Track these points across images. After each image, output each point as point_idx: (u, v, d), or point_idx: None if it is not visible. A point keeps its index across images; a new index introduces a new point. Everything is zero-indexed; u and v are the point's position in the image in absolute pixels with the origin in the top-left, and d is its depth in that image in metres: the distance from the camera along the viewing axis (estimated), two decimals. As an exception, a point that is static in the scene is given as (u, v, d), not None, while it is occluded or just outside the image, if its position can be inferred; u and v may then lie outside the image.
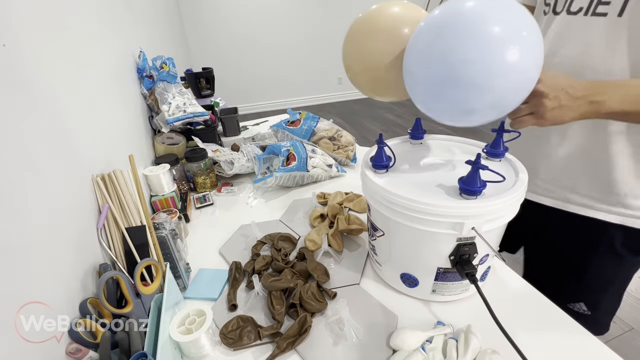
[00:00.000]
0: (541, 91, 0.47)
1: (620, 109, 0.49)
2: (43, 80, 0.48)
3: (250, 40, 3.83)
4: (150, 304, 0.51)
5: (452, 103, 0.47)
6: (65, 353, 0.41)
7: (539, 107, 0.48)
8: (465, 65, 0.42)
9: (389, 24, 0.54)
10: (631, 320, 1.34)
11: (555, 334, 0.52)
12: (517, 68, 0.42)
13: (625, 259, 0.67)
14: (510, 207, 0.48)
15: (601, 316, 0.73)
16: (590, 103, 0.49)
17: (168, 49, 2.05)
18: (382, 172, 0.55)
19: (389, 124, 3.61)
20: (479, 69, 0.42)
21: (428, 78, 0.47)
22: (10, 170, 0.37)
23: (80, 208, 0.53)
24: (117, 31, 0.96)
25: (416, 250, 0.53)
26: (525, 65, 0.43)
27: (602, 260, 0.68)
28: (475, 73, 0.42)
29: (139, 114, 1.01)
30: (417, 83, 0.50)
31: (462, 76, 0.43)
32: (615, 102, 0.49)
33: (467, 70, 0.42)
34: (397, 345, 0.48)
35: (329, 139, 1.13)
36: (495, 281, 0.61)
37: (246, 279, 0.65)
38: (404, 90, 0.54)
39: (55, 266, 0.43)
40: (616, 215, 0.64)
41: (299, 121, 1.15)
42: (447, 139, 0.66)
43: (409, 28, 0.51)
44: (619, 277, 0.71)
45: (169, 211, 0.77)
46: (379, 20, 0.55)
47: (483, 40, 0.41)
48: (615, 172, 0.61)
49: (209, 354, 0.52)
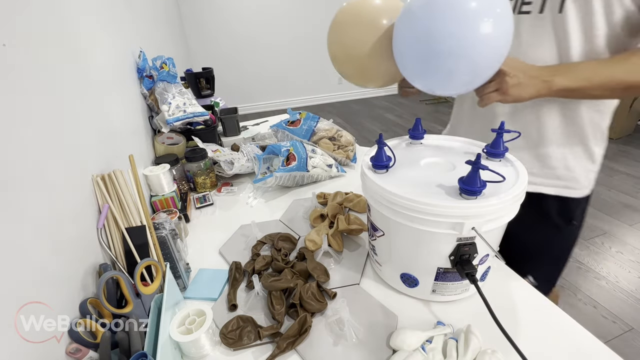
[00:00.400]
0: (504, 70, 0.55)
1: (567, 85, 0.57)
2: (43, 80, 0.48)
3: (251, 40, 3.84)
4: (150, 304, 0.51)
5: (437, 72, 0.53)
6: (65, 353, 0.42)
7: (502, 84, 0.56)
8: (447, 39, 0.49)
9: (371, 15, 0.59)
10: (631, 320, 1.34)
11: (555, 334, 0.52)
12: (490, 39, 0.49)
13: (562, 228, 0.76)
14: (510, 207, 0.48)
15: (543, 287, 0.75)
16: (543, 82, 0.57)
17: (168, 49, 2.05)
18: (382, 172, 0.55)
19: (389, 124, 3.61)
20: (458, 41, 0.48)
21: (416, 53, 0.53)
22: (11, 170, 0.37)
23: (80, 208, 0.53)
24: (117, 31, 0.96)
25: (416, 250, 0.53)
26: (497, 37, 0.49)
27: (543, 232, 0.77)
28: (455, 44, 0.49)
29: (139, 114, 1.01)
30: (407, 59, 0.56)
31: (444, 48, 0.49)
32: (563, 80, 0.57)
33: (448, 43, 0.49)
34: (397, 345, 0.48)
35: (329, 139, 1.13)
36: (495, 281, 0.61)
37: (246, 279, 0.65)
38: (388, 75, 0.63)
39: (55, 266, 0.43)
40: (551, 187, 0.72)
41: (299, 121, 1.15)
42: (447, 138, 0.66)
43: (388, 19, 0.58)
44: (558, 247, 0.80)
45: (169, 211, 0.77)
46: (361, 11, 0.60)
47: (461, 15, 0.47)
48: (548, 147, 0.70)
49: (209, 354, 0.52)
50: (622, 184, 2.21)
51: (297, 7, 3.85)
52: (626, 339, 1.28)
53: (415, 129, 0.64)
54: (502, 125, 0.55)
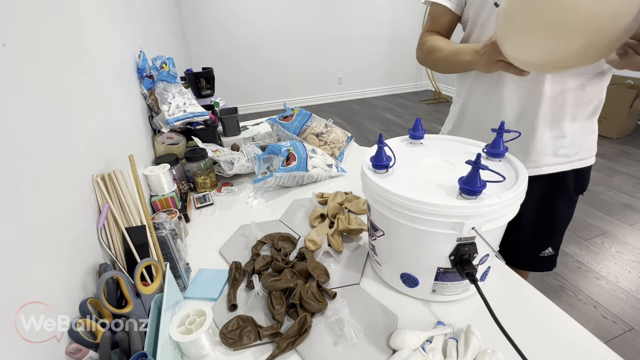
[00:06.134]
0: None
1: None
2: (43, 80, 0.48)
3: (251, 40, 3.84)
4: (150, 304, 0.51)
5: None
6: (65, 353, 0.41)
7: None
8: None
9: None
10: (631, 320, 1.34)
11: (555, 334, 0.52)
12: None
13: (574, 200, 0.86)
14: (510, 207, 0.48)
15: (556, 253, 0.90)
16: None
17: (168, 49, 2.05)
18: (382, 172, 0.55)
19: (389, 124, 3.62)
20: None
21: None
22: (11, 170, 0.37)
23: (80, 208, 0.53)
24: (117, 31, 0.96)
25: (416, 250, 0.53)
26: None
27: (562, 205, 0.85)
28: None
29: (139, 114, 1.01)
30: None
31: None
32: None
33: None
34: (397, 345, 0.48)
35: (316, 135, 1.14)
36: (495, 281, 0.61)
37: (246, 279, 0.65)
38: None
39: (55, 266, 0.43)
40: (565, 164, 0.79)
41: (292, 116, 1.16)
42: (447, 138, 0.66)
43: None
44: (570, 216, 0.88)
45: (169, 211, 0.77)
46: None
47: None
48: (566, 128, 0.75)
49: (209, 354, 0.52)
50: (622, 184, 2.21)
51: (297, 7, 3.85)
52: (626, 339, 1.28)
53: (415, 129, 0.64)
54: (502, 125, 0.55)
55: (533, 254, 0.88)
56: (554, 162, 0.79)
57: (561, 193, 0.83)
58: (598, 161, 2.49)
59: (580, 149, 0.79)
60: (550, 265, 0.90)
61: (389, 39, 4.38)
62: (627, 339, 1.28)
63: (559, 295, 1.48)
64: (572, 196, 0.85)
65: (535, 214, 0.85)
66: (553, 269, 0.89)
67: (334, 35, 4.09)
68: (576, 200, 0.86)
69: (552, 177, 0.81)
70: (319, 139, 1.13)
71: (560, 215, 0.86)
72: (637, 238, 1.76)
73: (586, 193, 0.88)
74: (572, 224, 0.90)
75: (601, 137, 2.87)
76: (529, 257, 0.85)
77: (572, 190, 0.83)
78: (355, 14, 4.05)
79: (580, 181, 0.83)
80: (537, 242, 0.88)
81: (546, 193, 0.83)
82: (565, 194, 0.83)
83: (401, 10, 4.24)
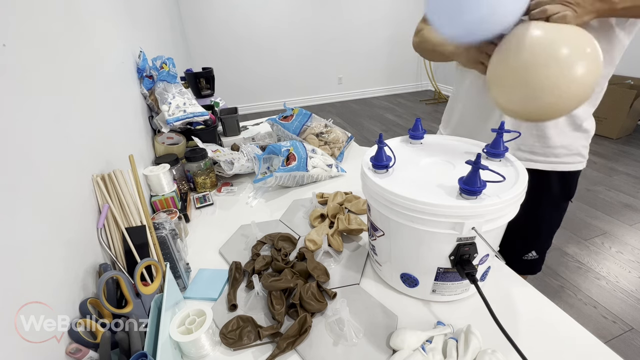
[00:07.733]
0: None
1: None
2: (43, 80, 0.48)
3: (251, 39, 3.84)
4: (150, 304, 0.51)
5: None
6: (65, 353, 0.41)
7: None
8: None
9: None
10: (631, 320, 1.34)
11: (555, 334, 0.52)
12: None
13: (561, 206, 0.85)
14: (510, 207, 0.48)
15: (542, 257, 0.90)
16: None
17: (168, 49, 2.05)
18: (382, 172, 0.55)
19: (389, 124, 3.62)
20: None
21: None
22: (11, 170, 0.37)
23: (80, 208, 0.53)
24: (117, 31, 0.96)
25: (416, 250, 0.53)
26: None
27: (546, 209, 0.84)
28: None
29: (139, 114, 1.01)
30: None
31: None
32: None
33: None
34: (397, 345, 0.48)
35: (316, 135, 1.14)
36: (495, 281, 0.61)
37: (246, 279, 0.65)
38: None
39: (55, 266, 0.43)
40: (551, 164, 0.78)
41: (292, 117, 1.16)
42: (447, 138, 0.66)
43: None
44: (557, 222, 0.88)
45: (169, 211, 0.77)
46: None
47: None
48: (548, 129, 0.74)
49: (209, 354, 0.52)
50: (622, 184, 2.21)
51: (297, 7, 3.85)
52: (626, 339, 1.28)
53: (415, 129, 0.64)
54: (502, 125, 0.55)
55: (517, 256, 0.87)
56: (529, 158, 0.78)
57: (545, 197, 0.82)
58: (598, 161, 2.49)
59: (564, 152, 0.77)
60: (533, 269, 0.89)
61: (389, 39, 4.38)
62: (627, 339, 1.28)
63: (559, 295, 1.48)
64: (558, 201, 0.84)
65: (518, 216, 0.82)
66: (537, 273, 0.89)
67: (334, 35, 4.09)
68: (564, 206, 0.86)
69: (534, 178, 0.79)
70: (319, 139, 1.14)
71: (545, 219, 0.85)
72: (637, 238, 1.76)
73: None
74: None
75: (601, 137, 2.87)
76: (512, 259, 0.82)
77: (557, 195, 0.82)
78: (355, 14, 4.05)
79: (566, 187, 0.82)
80: (520, 244, 0.88)
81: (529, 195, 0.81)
82: (550, 198, 0.82)
83: (402, 10, 4.24)
